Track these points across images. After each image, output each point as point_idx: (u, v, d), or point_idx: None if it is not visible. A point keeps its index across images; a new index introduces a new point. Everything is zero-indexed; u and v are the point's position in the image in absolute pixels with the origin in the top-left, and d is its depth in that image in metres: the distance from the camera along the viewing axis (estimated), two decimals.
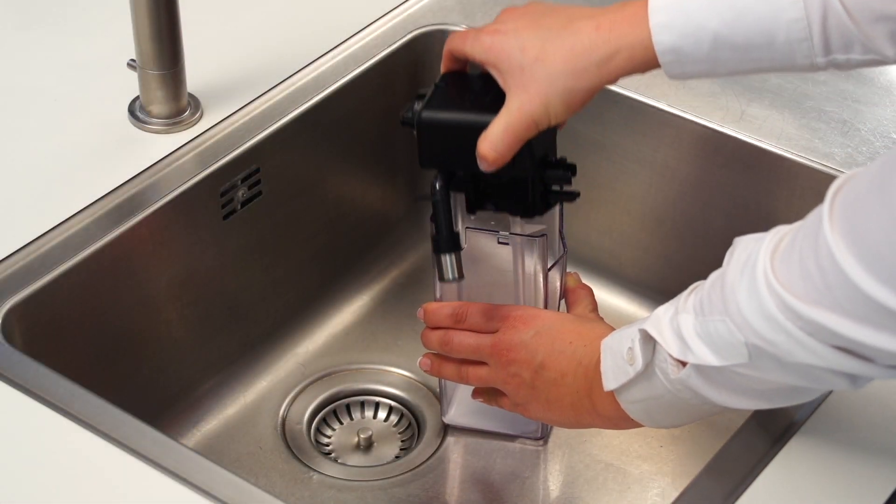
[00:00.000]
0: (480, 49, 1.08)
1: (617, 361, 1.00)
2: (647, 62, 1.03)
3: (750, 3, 0.99)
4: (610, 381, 1.01)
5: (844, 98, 1.34)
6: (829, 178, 1.26)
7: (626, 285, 1.42)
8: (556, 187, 1.11)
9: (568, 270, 1.19)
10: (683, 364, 0.95)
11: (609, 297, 1.41)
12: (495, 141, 1.05)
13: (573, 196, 1.11)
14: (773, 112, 1.32)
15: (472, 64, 1.11)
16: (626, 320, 1.07)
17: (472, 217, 1.15)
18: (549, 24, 1.06)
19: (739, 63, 1.02)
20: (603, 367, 1.02)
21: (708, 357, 0.92)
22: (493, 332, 1.12)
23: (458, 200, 1.21)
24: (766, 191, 1.30)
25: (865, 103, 1.33)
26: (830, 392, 1.06)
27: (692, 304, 0.94)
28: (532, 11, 1.08)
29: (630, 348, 0.98)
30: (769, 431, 1.04)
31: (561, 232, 1.18)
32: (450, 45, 1.12)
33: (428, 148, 1.09)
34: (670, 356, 0.95)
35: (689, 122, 1.32)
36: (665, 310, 0.97)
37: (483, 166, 1.06)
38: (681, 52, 1.01)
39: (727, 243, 0.94)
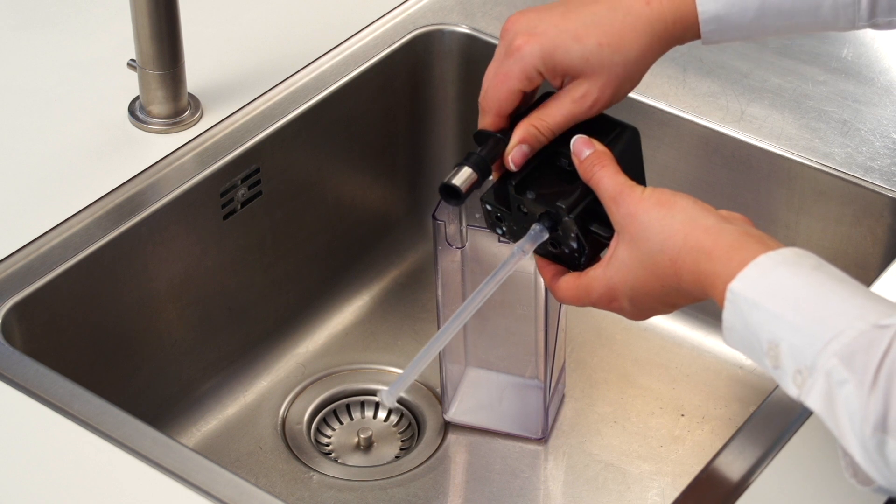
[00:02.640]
0: (532, 62, 1.03)
1: (750, 340, 0.90)
2: (689, 32, 1.02)
3: None
4: (736, 343, 0.92)
5: (844, 98, 1.34)
6: (829, 178, 1.27)
7: None
8: (595, 229, 1.03)
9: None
10: None
11: None
12: (553, 127, 1.02)
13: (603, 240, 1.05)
14: (773, 112, 1.32)
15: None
16: (627, 319, 1.06)
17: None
18: (588, 5, 1.03)
19: (779, 29, 1.01)
20: (727, 321, 0.91)
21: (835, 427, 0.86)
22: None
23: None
24: (766, 191, 1.30)
25: (865, 103, 1.33)
26: None
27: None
28: (554, 5, 1.05)
29: (777, 346, 0.88)
30: (769, 431, 1.04)
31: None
32: (497, 105, 1.05)
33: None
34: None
35: (689, 122, 1.32)
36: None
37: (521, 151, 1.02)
38: (723, 21, 1.00)
39: None
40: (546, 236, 1.03)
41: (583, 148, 1.01)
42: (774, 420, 1.04)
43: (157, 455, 1.00)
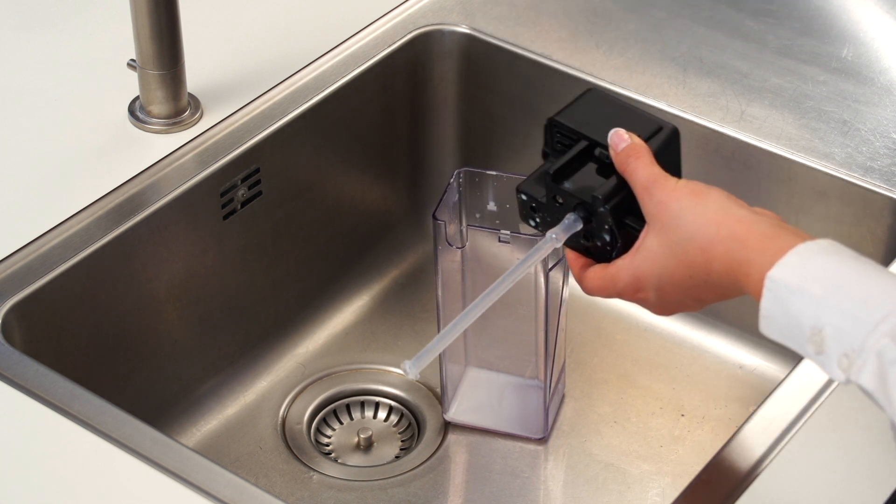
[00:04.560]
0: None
1: (790, 328, 0.89)
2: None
3: None
4: (774, 332, 0.91)
5: (844, 98, 1.34)
6: (829, 178, 1.27)
7: None
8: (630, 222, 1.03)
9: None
10: None
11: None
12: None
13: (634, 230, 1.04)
14: (773, 112, 1.32)
15: None
16: (628, 319, 1.06)
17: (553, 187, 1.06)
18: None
19: None
20: (765, 308, 0.90)
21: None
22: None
23: (464, 199, 1.22)
24: (766, 191, 1.30)
25: (865, 103, 1.33)
26: (830, 392, 1.06)
27: None
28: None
29: (820, 331, 0.87)
30: (769, 431, 1.04)
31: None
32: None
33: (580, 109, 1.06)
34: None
35: (689, 122, 1.32)
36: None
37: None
38: None
39: None
40: (580, 227, 1.03)
41: (619, 140, 1.01)
42: (774, 420, 1.04)
43: (157, 455, 1.00)
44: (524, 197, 1.06)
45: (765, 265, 0.90)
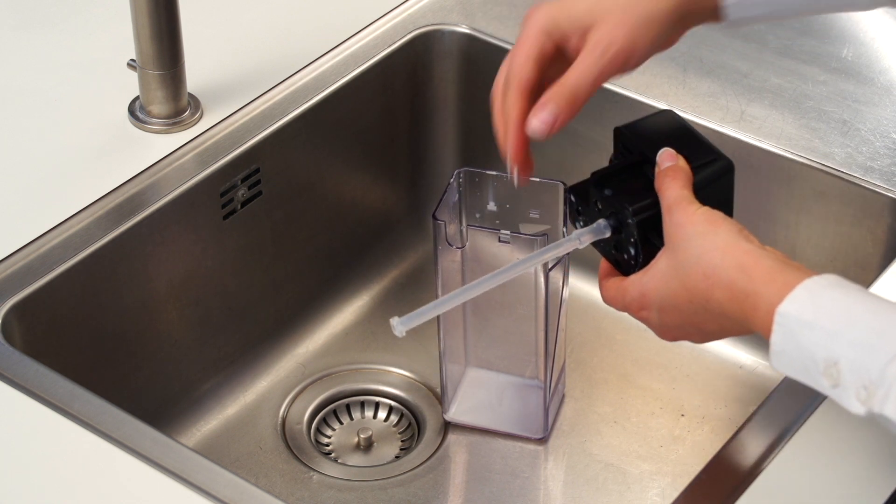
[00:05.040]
0: (539, 25, 1.00)
1: (804, 362, 0.89)
2: (710, 9, 1.00)
3: None
4: (786, 366, 0.90)
5: (844, 98, 1.34)
6: (829, 178, 1.27)
7: None
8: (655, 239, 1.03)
9: (566, 276, 1.19)
10: None
11: None
12: (574, 88, 0.99)
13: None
14: (773, 112, 1.32)
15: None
16: (628, 319, 1.06)
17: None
18: None
19: (802, 4, 1.00)
20: (776, 344, 0.89)
21: None
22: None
23: (464, 199, 1.22)
24: (766, 191, 1.30)
25: (865, 103, 1.33)
26: None
27: None
28: None
29: (835, 364, 0.87)
30: (769, 431, 1.04)
31: (564, 233, 1.18)
32: (515, 78, 1.03)
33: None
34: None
35: (689, 122, 1.31)
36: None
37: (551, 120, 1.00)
38: None
39: None
40: (608, 234, 1.03)
41: (665, 160, 1.01)
42: (774, 420, 1.04)
43: (157, 455, 1.00)
44: (572, 199, 1.06)
45: (772, 299, 0.89)
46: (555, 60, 1.02)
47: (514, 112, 1.02)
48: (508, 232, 1.17)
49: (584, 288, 1.40)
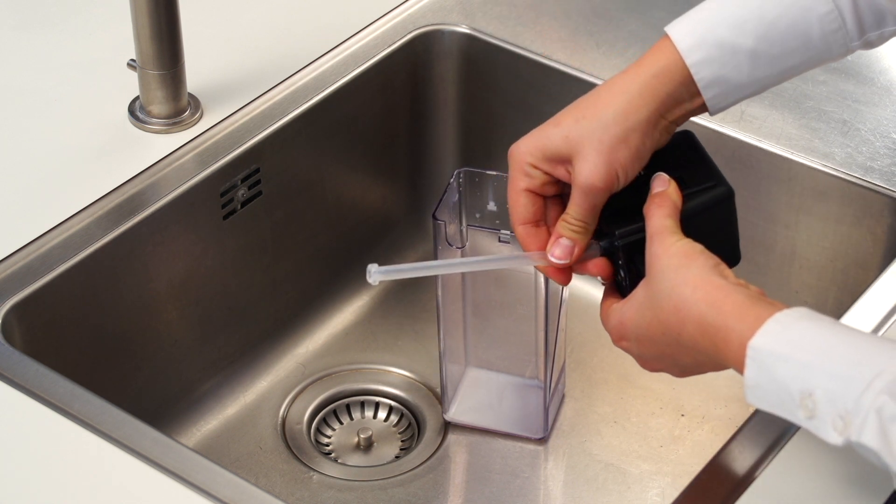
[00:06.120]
0: (523, 158, 1.02)
1: (779, 395, 0.88)
2: (686, 89, 1.01)
3: (779, 10, 0.99)
4: (761, 400, 0.90)
5: (844, 98, 1.34)
6: (829, 178, 1.27)
7: None
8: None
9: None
10: None
11: None
12: (578, 216, 1.01)
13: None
14: (773, 112, 1.32)
15: None
16: None
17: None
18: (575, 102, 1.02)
19: (778, 74, 1.01)
20: (750, 378, 0.89)
21: None
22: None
23: (464, 199, 1.22)
24: (766, 191, 1.30)
25: (865, 103, 1.33)
26: None
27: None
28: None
29: (811, 395, 0.86)
30: (769, 431, 1.04)
31: None
32: (514, 213, 1.04)
33: None
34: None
35: (689, 122, 1.31)
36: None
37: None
38: (724, 81, 1.00)
39: None
40: (597, 255, 1.03)
41: (656, 185, 1.01)
42: (774, 420, 1.04)
43: (157, 455, 1.00)
44: None
45: (744, 333, 0.89)
46: (551, 183, 1.03)
47: (530, 247, 1.04)
48: (508, 232, 1.17)
49: (584, 288, 1.40)
